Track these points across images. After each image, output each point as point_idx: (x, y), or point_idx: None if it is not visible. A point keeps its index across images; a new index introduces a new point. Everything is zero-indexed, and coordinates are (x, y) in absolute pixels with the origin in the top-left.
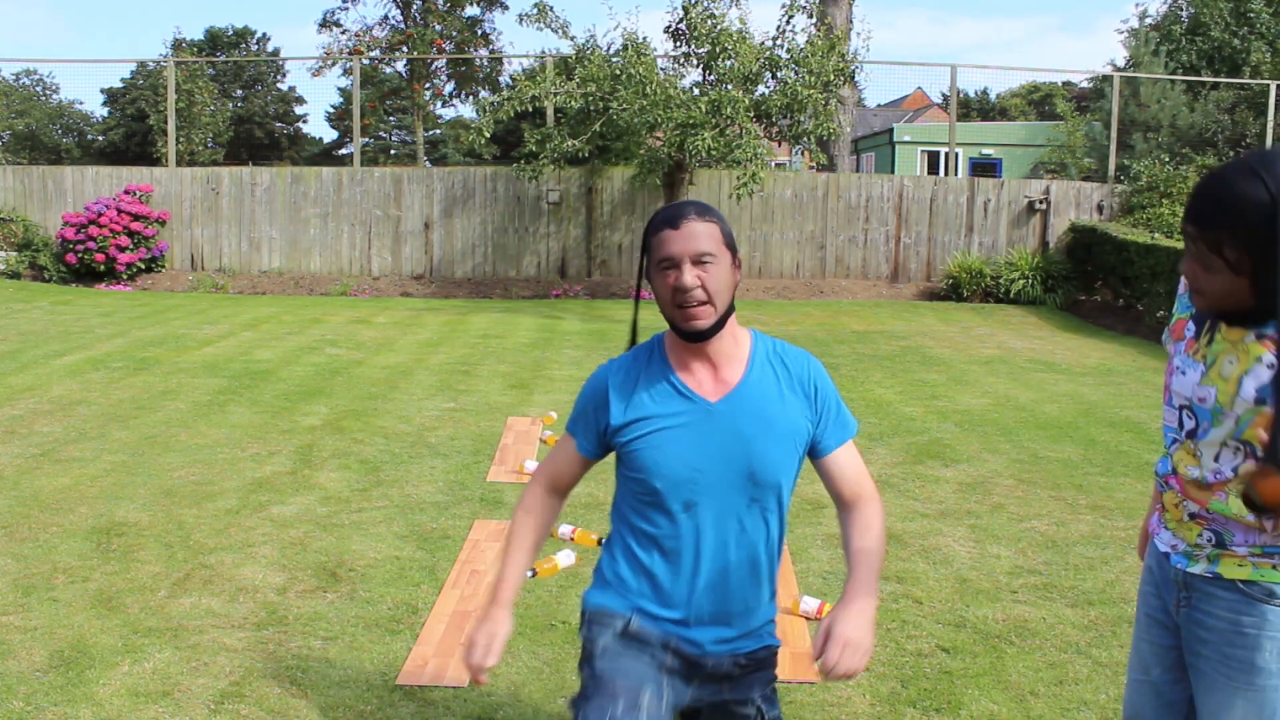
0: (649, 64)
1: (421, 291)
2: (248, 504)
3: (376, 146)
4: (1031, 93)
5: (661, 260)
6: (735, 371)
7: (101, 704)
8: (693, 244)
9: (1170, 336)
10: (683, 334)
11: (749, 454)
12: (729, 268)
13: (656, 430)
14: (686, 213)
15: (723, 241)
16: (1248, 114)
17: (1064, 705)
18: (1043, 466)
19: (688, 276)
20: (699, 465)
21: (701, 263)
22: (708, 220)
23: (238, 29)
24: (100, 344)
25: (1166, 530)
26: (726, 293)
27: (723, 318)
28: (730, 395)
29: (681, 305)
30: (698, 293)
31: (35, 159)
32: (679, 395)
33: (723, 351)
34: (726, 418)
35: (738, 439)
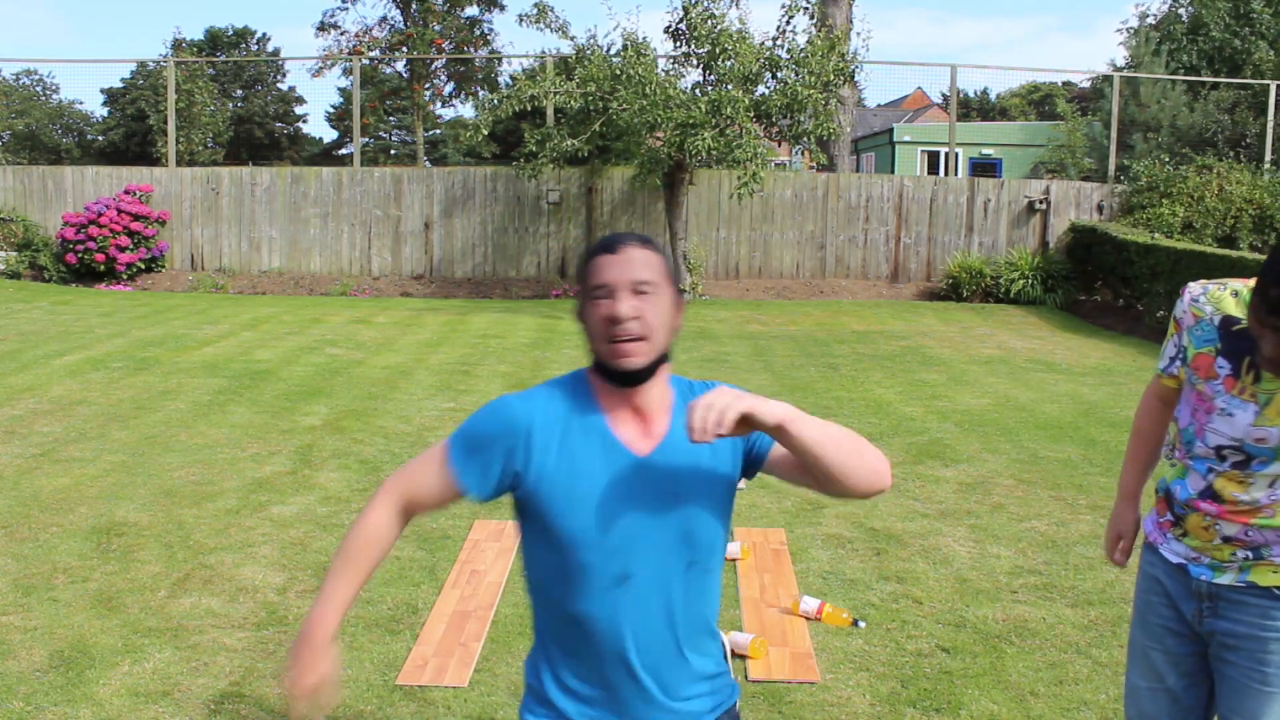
0: (649, 64)
1: (421, 291)
2: (248, 504)
3: (376, 146)
4: (1031, 93)
5: (596, 287)
6: (662, 421)
7: (101, 704)
8: (631, 270)
9: (1198, 375)
10: (611, 374)
11: (683, 510)
12: (670, 304)
13: (587, 490)
14: (626, 240)
15: (665, 274)
16: (1248, 114)
17: (1064, 705)
18: (1043, 466)
19: (624, 305)
20: (632, 529)
21: (640, 292)
22: (649, 249)
23: (238, 29)
24: (100, 344)
25: (1179, 543)
26: (665, 331)
27: (657, 360)
28: (661, 447)
29: (614, 339)
30: (634, 325)
31: (35, 159)
32: (608, 447)
33: (651, 400)
34: (657, 471)
35: (670, 495)
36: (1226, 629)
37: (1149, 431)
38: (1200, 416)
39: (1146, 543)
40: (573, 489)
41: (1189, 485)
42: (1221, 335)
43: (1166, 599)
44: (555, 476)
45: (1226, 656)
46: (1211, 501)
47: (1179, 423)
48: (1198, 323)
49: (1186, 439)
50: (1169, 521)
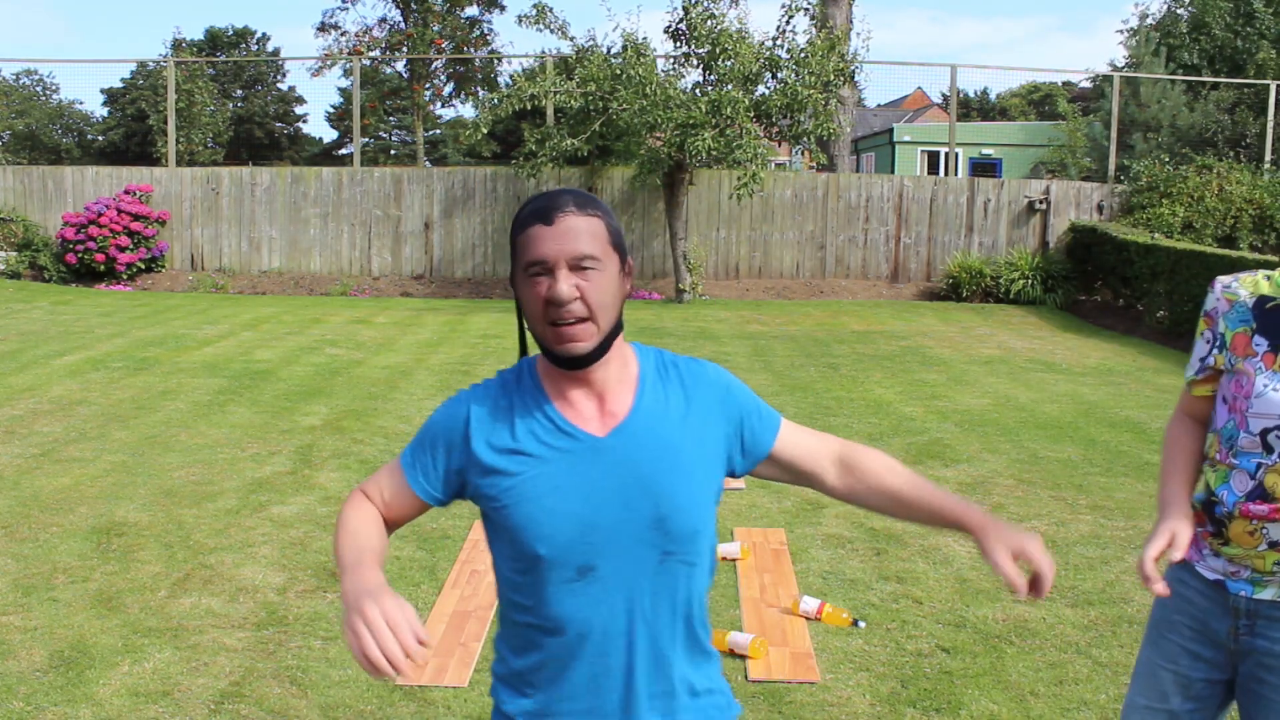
0: (649, 64)
1: (421, 291)
2: (248, 504)
3: (376, 146)
4: (1031, 93)
5: (530, 264)
6: (624, 398)
7: (101, 704)
8: (570, 244)
9: (1236, 354)
10: (557, 359)
11: (653, 495)
12: (616, 275)
13: (531, 477)
14: (562, 204)
15: (609, 241)
16: (1248, 114)
17: (1064, 705)
18: (1043, 466)
19: (563, 286)
20: (590, 519)
21: (581, 268)
22: (590, 214)
23: (238, 29)
24: (100, 344)
25: (1218, 558)
26: (613, 307)
27: (607, 338)
28: (621, 427)
29: (555, 322)
30: (576, 306)
31: (35, 159)
32: (557, 431)
33: (609, 378)
34: (618, 453)
35: (636, 479)
36: (1265, 648)
37: (1183, 442)
38: (1240, 404)
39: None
40: (518, 478)
41: (1234, 487)
42: (1256, 315)
43: (1193, 619)
44: (496, 467)
45: (1264, 677)
46: (1261, 501)
47: (1216, 425)
48: (1232, 306)
49: (1228, 436)
50: (1208, 532)
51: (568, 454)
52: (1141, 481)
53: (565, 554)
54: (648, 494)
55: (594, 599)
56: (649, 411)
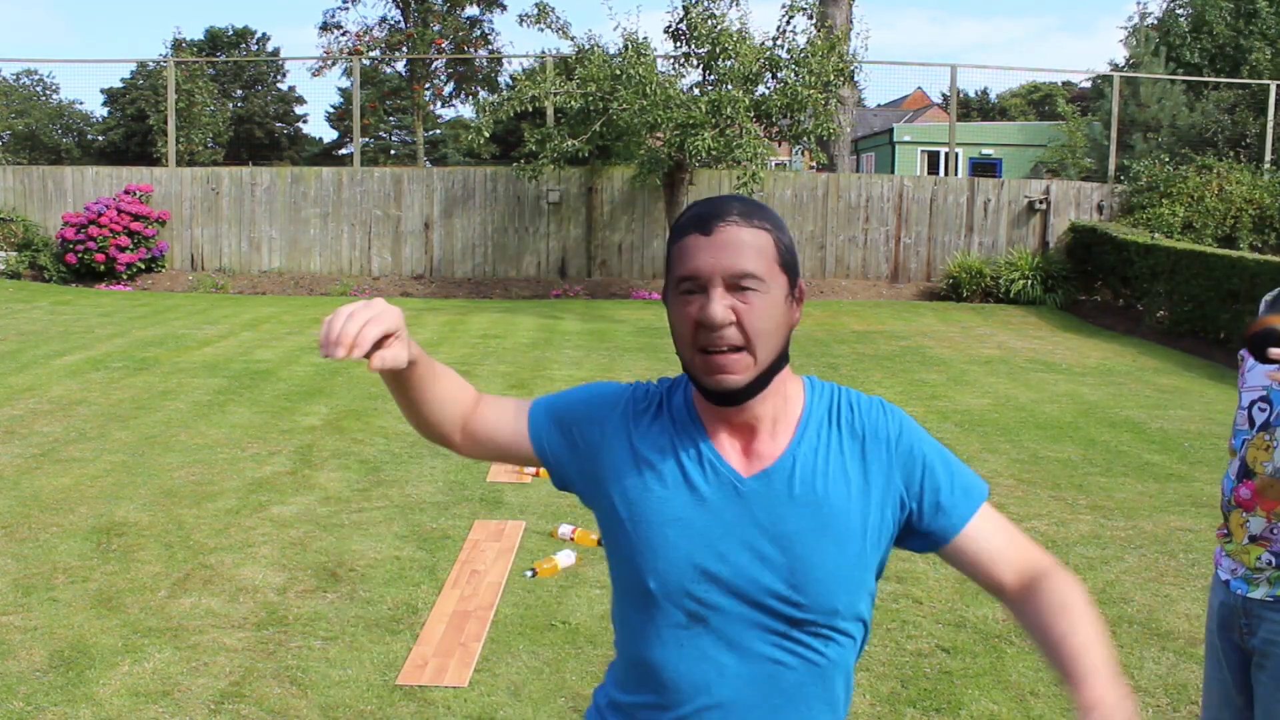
0: (649, 64)
1: (421, 291)
2: (248, 504)
3: (376, 146)
4: (1031, 93)
5: (683, 279)
6: (779, 438)
7: (101, 704)
8: (729, 258)
9: None
10: (705, 391)
11: (790, 556)
12: (782, 300)
13: (659, 499)
14: (725, 211)
15: (776, 259)
16: (1248, 114)
17: (1064, 705)
18: (1043, 466)
19: (716, 307)
20: (710, 564)
21: (740, 288)
22: (756, 225)
23: (238, 29)
24: (100, 344)
25: (1228, 557)
26: (775, 336)
27: (765, 373)
28: (769, 471)
29: (705, 349)
30: (730, 332)
31: (35, 159)
32: (698, 460)
33: (764, 416)
34: (760, 501)
35: (774, 534)
36: (1259, 646)
37: None
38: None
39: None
40: (645, 496)
41: (1231, 473)
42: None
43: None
44: (628, 475)
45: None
46: (1246, 482)
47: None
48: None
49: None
50: (1222, 534)
51: (704, 487)
52: (1141, 481)
53: (676, 594)
54: (784, 553)
55: (701, 653)
56: (806, 458)
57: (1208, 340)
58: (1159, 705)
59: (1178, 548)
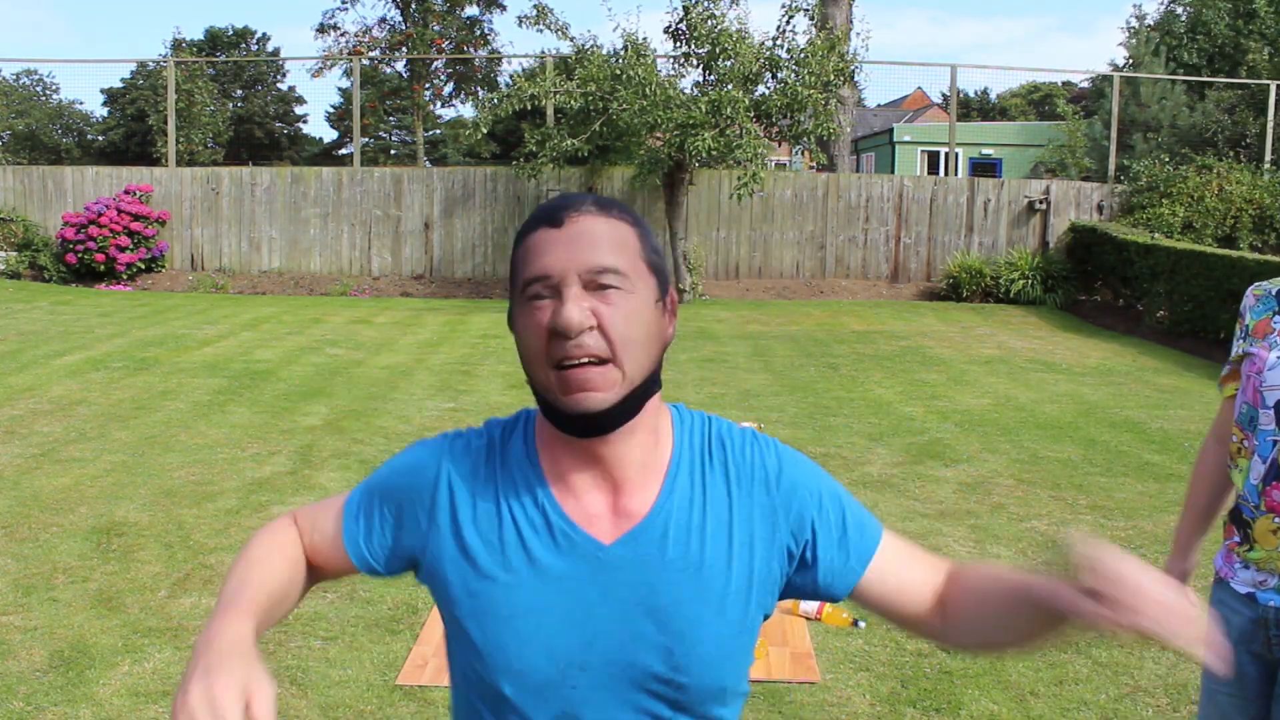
0: (649, 64)
1: (421, 291)
2: (248, 504)
3: (376, 146)
4: (1031, 93)
5: (531, 281)
6: (646, 489)
7: (101, 704)
8: (585, 252)
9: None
10: (561, 419)
11: (668, 634)
12: (651, 304)
13: (504, 587)
14: (580, 202)
15: (641, 256)
16: (1248, 114)
17: (1064, 705)
18: (1043, 466)
19: (573, 309)
20: (577, 656)
21: (600, 285)
22: (616, 217)
23: (238, 29)
24: (100, 344)
25: (1249, 569)
26: (644, 346)
27: (636, 393)
28: (635, 532)
29: (562, 364)
30: (590, 339)
31: (35, 159)
32: (547, 528)
33: (629, 458)
34: (626, 571)
35: (645, 609)
36: None
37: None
38: (1255, 382)
39: (1217, 578)
40: (486, 585)
41: (1253, 475)
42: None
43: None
44: (460, 562)
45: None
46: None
47: (1235, 415)
48: (1258, 300)
49: (1248, 418)
50: (1235, 542)
51: (557, 564)
52: (1141, 481)
53: (537, 699)
54: (661, 630)
55: None
56: (678, 512)
57: (1208, 340)
58: (1159, 705)
59: None
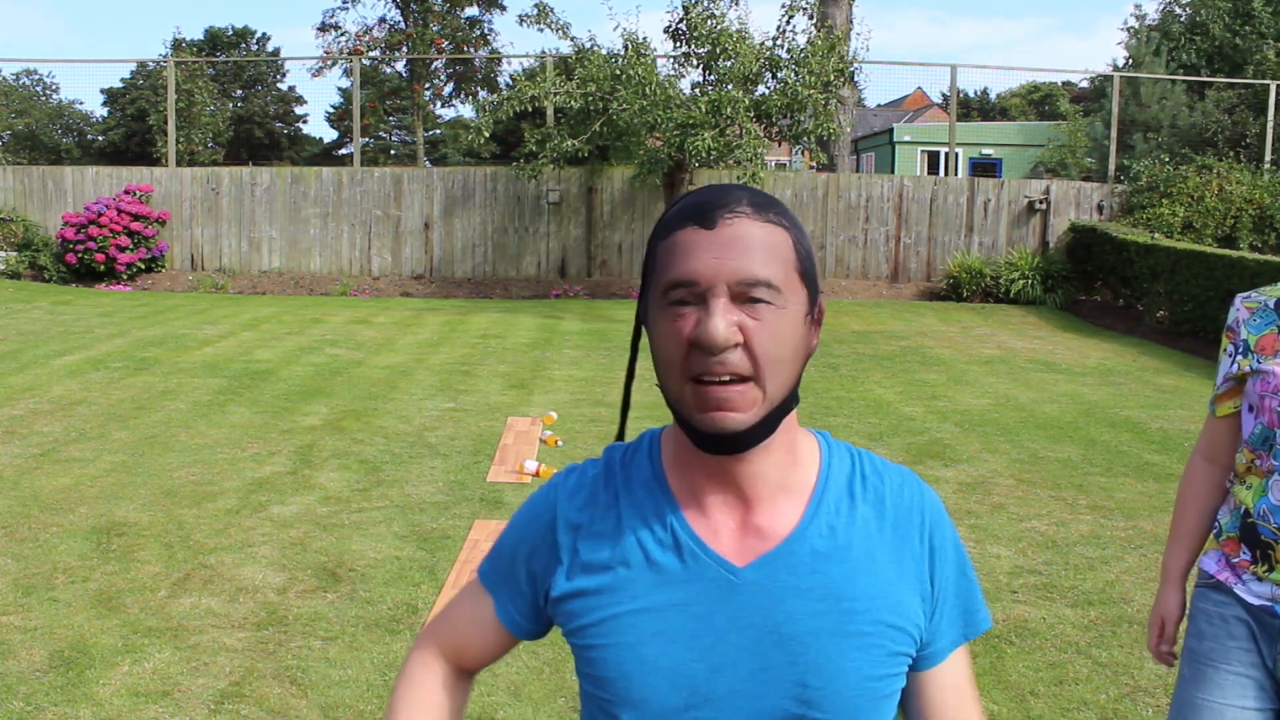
0: (649, 64)
1: (421, 291)
2: (248, 504)
3: (376, 146)
4: (1031, 93)
5: (675, 285)
6: (786, 511)
7: (101, 704)
8: (737, 260)
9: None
10: (699, 437)
11: (802, 666)
12: (801, 320)
13: (629, 612)
14: (735, 201)
15: (796, 268)
16: (1248, 114)
17: (1064, 705)
18: (1043, 466)
19: (719, 323)
20: (702, 685)
21: (750, 299)
22: (774, 221)
23: (238, 29)
24: (100, 344)
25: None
26: (790, 366)
27: (775, 413)
28: (771, 555)
29: (701, 378)
30: (734, 357)
31: (35, 159)
32: (675, 548)
33: (767, 477)
34: (760, 596)
35: (779, 638)
36: None
37: (1197, 498)
38: (1270, 403)
39: (1209, 585)
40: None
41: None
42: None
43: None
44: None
45: None
46: None
47: (1245, 432)
48: (1253, 314)
49: (1262, 439)
50: (1247, 560)
51: (686, 585)
52: (1141, 481)
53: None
54: (793, 663)
55: None
56: (821, 539)
57: (1208, 340)
58: (1159, 705)
59: None
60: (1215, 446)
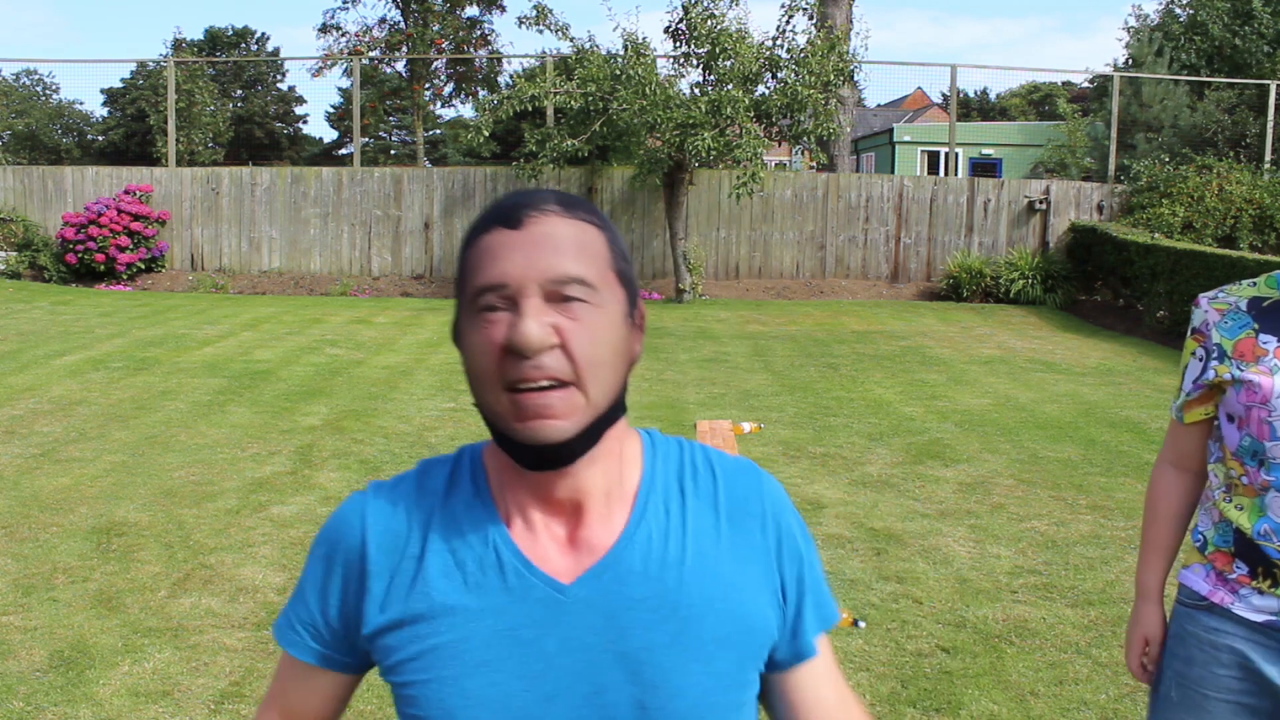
0: (649, 64)
1: (421, 291)
2: (248, 504)
3: (376, 146)
4: (1031, 93)
5: (483, 290)
6: (611, 519)
7: (101, 704)
8: (548, 258)
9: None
10: (520, 452)
11: (639, 689)
12: (620, 319)
13: (450, 643)
14: (542, 200)
15: (611, 265)
16: (1248, 114)
17: (1064, 705)
18: (1043, 466)
19: (532, 324)
20: (536, 716)
21: (564, 297)
22: (580, 218)
23: (238, 29)
24: (100, 344)
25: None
26: (612, 369)
27: (600, 420)
28: (598, 568)
29: (517, 386)
30: (551, 359)
31: (35, 159)
32: (499, 568)
33: (592, 488)
34: (590, 613)
35: (614, 656)
36: None
37: (1169, 509)
38: (1258, 413)
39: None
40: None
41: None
42: (1255, 316)
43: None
44: (397, 620)
45: None
46: None
47: (1230, 445)
48: (1224, 315)
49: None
50: (1245, 575)
51: (511, 608)
52: (1141, 481)
53: None
54: (632, 680)
55: None
56: (648, 545)
57: None
58: None
59: None
60: (1184, 454)
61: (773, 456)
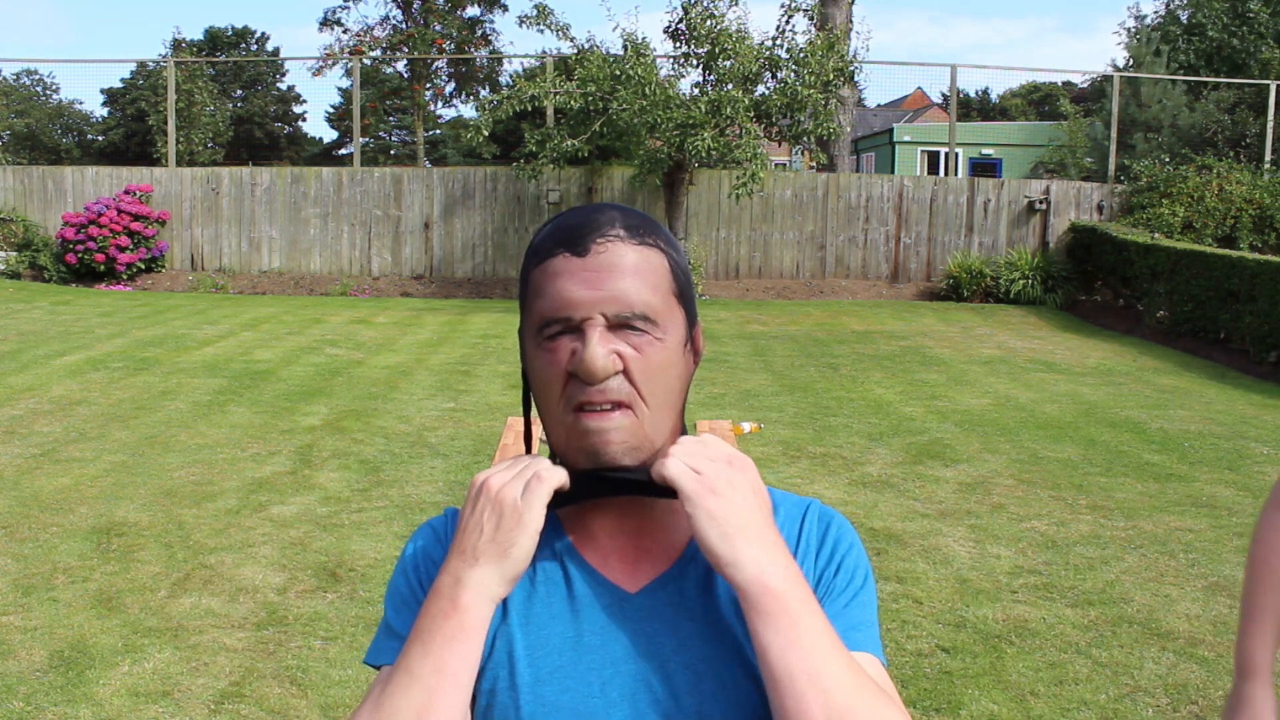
0: (649, 64)
1: (421, 291)
2: (248, 504)
3: (376, 146)
4: (1031, 93)
5: (548, 321)
6: (672, 539)
7: (101, 704)
8: (613, 288)
9: None
10: (581, 472)
11: (699, 699)
12: (680, 347)
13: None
14: (607, 224)
15: (674, 291)
16: (1248, 114)
17: (1064, 705)
18: (1043, 466)
19: (598, 352)
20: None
21: (629, 327)
22: (649, 244)
23: (237, 29)
24: (100, 344)
25: None
26: (673, 395)
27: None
28: (663, 579)
29: (583, 408)
30: (615, 384)
31: (35, 159)
32: (563, 578)
33: (652, 509)
34: (655, 625)
35: (678, 669)
36: None
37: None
38: None
39: None
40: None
41: None
42: None
43: None
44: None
45: None
46: None
47: None
48: None
49: None
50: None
51: (579, 615)
52: (1141, 481)
53: None
54: (691, 691)
55: None
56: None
57: (1208, 340)
58: (1159, 705)
59: (1178, 548)
60: None
61: (773, 456)
